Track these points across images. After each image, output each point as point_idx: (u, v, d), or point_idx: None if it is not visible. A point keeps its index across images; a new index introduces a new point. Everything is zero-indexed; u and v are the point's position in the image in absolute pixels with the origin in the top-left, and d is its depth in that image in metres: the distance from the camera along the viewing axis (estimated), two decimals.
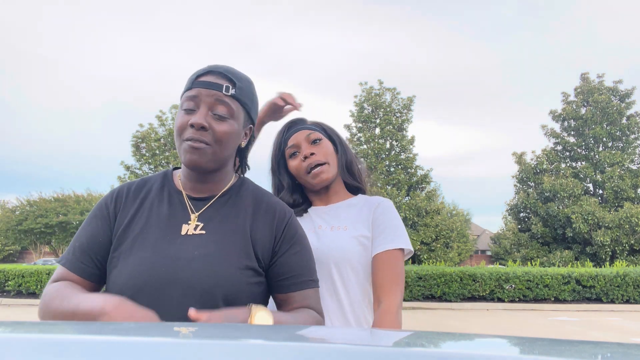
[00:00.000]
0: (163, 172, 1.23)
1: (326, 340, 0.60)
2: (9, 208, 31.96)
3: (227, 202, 1.16)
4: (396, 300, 1.40)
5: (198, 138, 1.06)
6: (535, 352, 0.51)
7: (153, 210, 1.13)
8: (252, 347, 0.49)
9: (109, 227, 1.12)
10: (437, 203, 22.15)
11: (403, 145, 21.63)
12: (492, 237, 29.80)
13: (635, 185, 23.06)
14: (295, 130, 1.55)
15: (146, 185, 1.19)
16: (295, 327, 0.75)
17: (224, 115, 1.09)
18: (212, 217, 1.12)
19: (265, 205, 1.18)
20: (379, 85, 22.54)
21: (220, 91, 1.09)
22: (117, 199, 1.16)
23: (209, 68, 1.12)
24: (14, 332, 0.55)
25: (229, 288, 1.04)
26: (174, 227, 1.10)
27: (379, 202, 1.53)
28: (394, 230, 1.48)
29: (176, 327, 0.64)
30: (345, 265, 1.46)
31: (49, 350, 0.44)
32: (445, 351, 0.53)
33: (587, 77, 25.02)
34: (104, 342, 0.48)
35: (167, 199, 1.15)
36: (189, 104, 1.09)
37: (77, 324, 0.70)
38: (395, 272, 1.44)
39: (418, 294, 12.70)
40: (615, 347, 0.55)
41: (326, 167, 1.51)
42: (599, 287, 12.86)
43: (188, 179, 1.16)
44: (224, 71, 1.12)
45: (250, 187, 1.22)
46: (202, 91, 1.08)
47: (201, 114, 1.07)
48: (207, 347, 0.48)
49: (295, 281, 1.13)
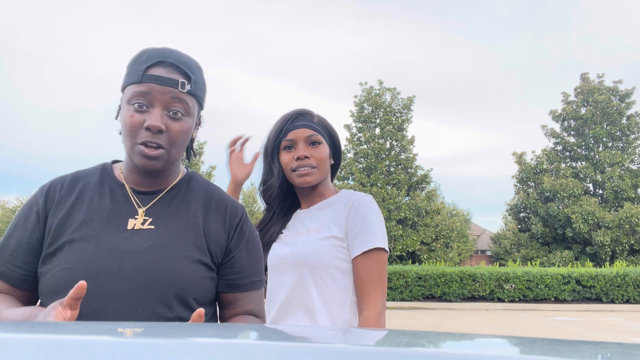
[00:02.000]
0: (101, 165, 1.14)
1: (324, 340, 0.60)
2: (9, 208, 31.97)
3: (176, 196, 1.10)
4: (377, 306, 1.39)
5: (154, 142, 1.00)
6: (535, 352, 0.51)
7: (93, 204, 1.05)
8: (248, 347, 0.49)
9: (39, 226, 1.04)
10: (437, 203, 22.14)
11: (403, 145, 21.62)
12: (492, 237, 29.79)
13: (635, 185, 23.05)
14: (299, 125, 1.52)
15: (82, 179, 1.11)
16: (293, 326, 0.75)
17: (180, 114, 1.02)
18: (161, 212, 1.07)
19: (216, 200, 1.14)
20: (379, 85, 22.53)
21: (176, 88, 1.01)
22: (48, 194, 1.08)
23: (157, 57, 1.02)
24: (14, 332, 0.55)
25: (180, 282, 1.00)
26: (118, 221, 1.04)
27: (353, 201, 1.48)
28: (368, 230, 1.43)
29: (176, 327, 0.64)
30: (319, 270, 1.44)
31: (49, 350, 0.44)
32: (445, 351, 0.53)
33: (587, 77, 25.01)
34: (104, 342, 0.48)
35: (109, 192, 1.07)
36: (140, 100, 1.00)
37: (77, 324, 0.70)
38: (374, 276, 1.41)
39: (418, 294, 12.70)
40: (615, 347, 0.55)
41: (314, 171, 1.49)
42: (599, 287, 12.86)
43: (133, 173, 1.09)
44: (177, 62, 1.03)
45: (199, 181, 1.17)
46: (154, 87, 0.99)
47: (157, 115, 1.00)
48: (206, 346, 0.48)
49: (244, 281, 1.11)
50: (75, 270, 0.97)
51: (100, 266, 0.98)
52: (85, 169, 1.15)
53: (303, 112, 1.56)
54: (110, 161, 1.17)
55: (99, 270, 0.97)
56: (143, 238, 1.02)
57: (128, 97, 1.02)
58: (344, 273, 1.45)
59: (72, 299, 0.82)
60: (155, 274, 0.99)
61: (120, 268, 0.98)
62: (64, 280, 0.97)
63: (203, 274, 1.05)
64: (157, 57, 1.03)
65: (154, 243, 1.02)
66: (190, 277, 1.02)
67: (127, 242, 1.01)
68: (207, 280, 1.06)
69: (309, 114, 1.56)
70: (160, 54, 1.03)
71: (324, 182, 1.57)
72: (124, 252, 1.00)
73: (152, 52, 1.04)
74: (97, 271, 0.97)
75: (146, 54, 1.04)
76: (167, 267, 1.00)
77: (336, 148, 1.59)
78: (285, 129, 1.52)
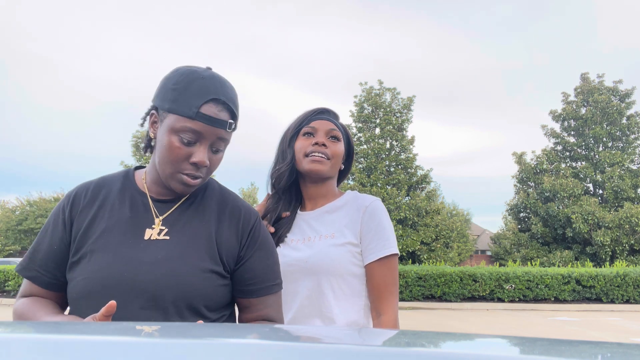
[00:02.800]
0: (124, 172, 1.19)
1: (326, 340, 0.60)
2: (9, 208, 31.96)
3: (192, 205, 1.14)
4: (395, 311, 1.43)
5: (197, 175, 1.06)
6: (535, 352, 0.51)
7: (114, 212, 1.10)
8: (250, 347, 0.49)
9: (66, 233, 1.10)
10: (437, 203, 22.14)
11: (403, 145, 21.62)
12: (492, 237, 29.78)
13: (635, 185, 23.05)
14: (323, 118, 1.54)
15: (105, 185, 1.15)
16: (294, 326, 0.75)
17: (221, 149, 1.09)
18: (176, 221, 1.10)
19: (230, 208, 1.16)
20: (379, 85, 22.53)
21: (225, 129, 1.05)
22: (74, 202, 1.12)
23: (209, 93, 1.04)
24: (14, 332, 0.55)
25: (192, 292, 1.03)
26: (136, 231, 1.08)
27: (366, 206, 1.49)
28: (383, 234, 1.46)
29: (176, 328, 0.64)
30: (336, 277, 1.44)
31: (49, 350, 0.44)
32: (445, 351, 0.53)
33: (587, 77, 25.01)
34: (104, 342, 0.48)
35: (129, 201, 1.12)
36: (189, 137, 1.03)
37: (77, 324, 0.70)
38: (389, 281, 1.44)
39: (418, 294, 12.70)
40: (615, 347, 0.55)
41: (327, 162, 1.49)
42: (599, 287, 12.86)
43: (157, 185, 1.13)
44: (227, 101, 1.06)
45: (215, 188, 1.20)
46: (206, 128, 1.03)
47: (203, 152, 1.05)
48: (206, 346, 0.48)
49: (258, 287, 1.13)
50: (93, 280, 1.02)
51: (117, 277, 1.02)
52: (109, 174, 1.20)
53: (328, 110, 1.58)
54: (132, 167, 1.22)
55: (116, 280, 1.02)
56: (158, 249, 1.06)
57: (177, 128, 1.03)
58: (358, 278, 1.47)
59: (103, 315, 0.88)
60: (168, 285, 1.02)
61: (136, 279, 1.02)
62: (85, 289, 1.02)
63: (216, 283, 1.08)
64: (209, 93, 1.04)
65: (168, 254, 1.05)
66: (202, 288, 1.05)
67: (143, 253, 1.05)
68: (220, 288, 1.09)
69: (334, 113, 1.60)
70: (212, 90, 1.04)
71: (330, 182, 1.56)
72: (140, 263, 1.03)
73: (203, 86, 1.04)
74: (114, 282, 1.02)
75: (196, 83, 1.04)
76: (180, 278, 1.03)
77: (349, 154, 1.60)
78: (309, 119, 1.54)
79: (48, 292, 1.10)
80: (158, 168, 1.09)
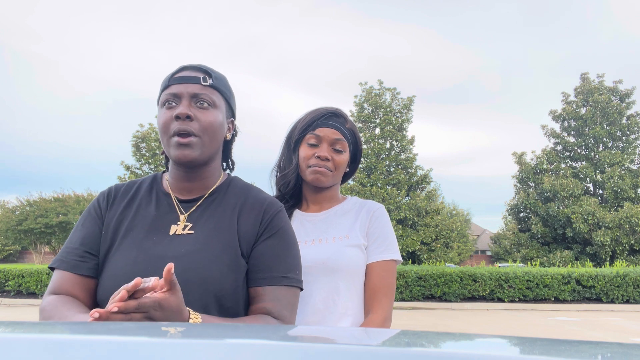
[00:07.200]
0: (153, 175, 1.24)
1: (325, 340, 0.60)
2: (9, 208, 31.93)
3: (215, 200, 1.15)
4: (384, 312, 1.44)
5: (185, 129, 1.07)
6: (535, 352, 0.51)
7: (140, 211, 1.14)
8: (250, 347, 0.49)
9: (98, 223, 1.13)
10: (437, 203, 22.13)
11: (403, 145, 21.62)
12: (492, 237, 29.78)
13: (635, 185, 23.04)
14: (330, 124, 1.50)
15: (135, 186, 1.20)
16: (294, 326, 0.75)
17: (207, 105, 1.10)
18: (200, 217, 1.12)
19: (252, 200, 1.16)
20: (379, 85, 22.53)
21: (199, 83, 1.10)
22: (108, 198, 1.18)
23: (181, 66, 1.14)
24: (14, 332, 0.55)
25: (215, 284, 1.03)
26: (161, 228, 1.10)
27: (374, 210, 1.53)
28: (387, 240, 1.50)
29: (176, 328, 0.64)
30: (353, 276, 1.47)
31: (49, 350, 0.44)
32: (445, 351, 0.53)
33: (587, 77, 25.00)
34: (104, 342, 0.48)
35: (155, 200, 1.15)
36: (170, 100, 1.10)
37: (77, 324, 0.70)
38: (385, 283, 1.46)
39: (418, 294, 12.70)
40: (615, 347, 0.55)
41: (329, 174, 1.50)
42: (599, 287, 12.86)
43: (176, 179, 1.16)
44: (198, 65, 1.14)
45: (238, 184, 1.21)
46: (180, 86, 1.09)
47: (184, 105, 1.08)
48: (206, 347, 0.48)
49: (263, 275, 1.08)
50: (119, 277, 1.02)
51: (141, 272, 1.02)
52: (140, 178, 1.24)
53: (338, 113, 1.54)
54: (161, 172, 1.25)
55: (140, 275, 1.00)
56: (182, 243, 1.07)
57: (161, 101, 1.12)
58: (361, 279, 1.49)
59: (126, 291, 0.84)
60: (191, 278, 1.02)
61: (159, 273, 1.01)
62: (111, 287, 1.01)
63: (238, 274, 1.07)
64: (181, 66, 1.14)
65: (192, 248, 1.06)
66: (226, 281, 1.05)
67: (167, 248, 1.07)
68: (242, 279, 1.09)
69: (343, 117, 1.55)
70: (184, 65, 1.14)
71: (335, 186, 1.58)
72: (164, 258, 1.04)
73: (178, 66, 1.15)
74: (138, 276, 1.00)
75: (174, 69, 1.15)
76: (202, 271, 1.04)
77: (355, 157, 1.60)
78: (316, 123, 1.51)
79: (87, 280, 1.08)
80: (164, 148, 1.13)
